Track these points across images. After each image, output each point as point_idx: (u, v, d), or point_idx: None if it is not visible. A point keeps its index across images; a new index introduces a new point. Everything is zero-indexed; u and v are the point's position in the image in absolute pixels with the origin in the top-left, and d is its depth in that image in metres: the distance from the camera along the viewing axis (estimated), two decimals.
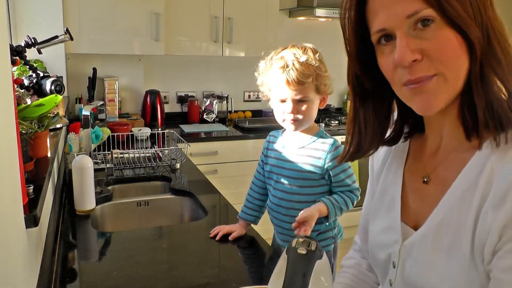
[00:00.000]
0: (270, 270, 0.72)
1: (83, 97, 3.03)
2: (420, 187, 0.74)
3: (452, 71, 0.61)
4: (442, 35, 0.60)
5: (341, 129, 3.36)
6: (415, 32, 0.61)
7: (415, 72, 0.61)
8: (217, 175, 2.94)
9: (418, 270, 0.70)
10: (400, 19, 0.61)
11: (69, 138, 1.98)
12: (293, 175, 1.36)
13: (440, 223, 0.67)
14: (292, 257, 0.69)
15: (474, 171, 0.63)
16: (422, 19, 0.59)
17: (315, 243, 0.70)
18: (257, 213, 1.47)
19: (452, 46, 0.60)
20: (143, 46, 2.92)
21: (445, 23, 0.59)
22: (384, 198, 0.81)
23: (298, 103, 1.29)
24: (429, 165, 0.73)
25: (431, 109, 0.64)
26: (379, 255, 0.79)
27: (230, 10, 3.14)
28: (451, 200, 0.66)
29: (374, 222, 0.83)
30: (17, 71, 1.64)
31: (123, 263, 1.30)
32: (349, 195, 1.34)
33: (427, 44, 0.60)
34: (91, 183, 1.60)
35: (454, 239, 0.64)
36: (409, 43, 0.60)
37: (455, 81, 0.62)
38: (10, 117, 0.82)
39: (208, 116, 3.40)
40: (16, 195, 0.81)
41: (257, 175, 1.50)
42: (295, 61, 1.25)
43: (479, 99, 0.61)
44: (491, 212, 0.59)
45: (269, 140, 1.47)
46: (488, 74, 0.61)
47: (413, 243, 0.71)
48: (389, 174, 0.81)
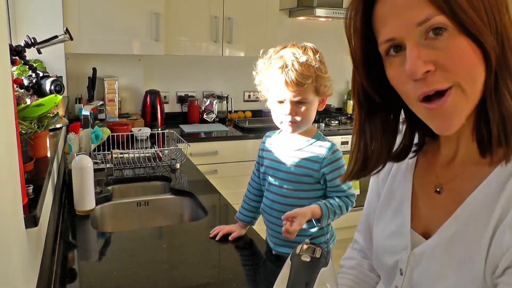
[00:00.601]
0: (270, 270, 0.72)
1: (83, 97, 3.03)
2: (431, 194, 0.72)
3: (469, 82, 0.57)
4: (456, 44, 0.56)
5: (341, 129, 3.36)
6: (426, 41, 0.57)
7: (430, 84, 0.57)
8: (217, 175, 2.94)
9: (427, 280, 0.69)
10: (410, 27, 0.57)
11: (69, 138, 1.98)
12: (287, 178, 1.32)
13: (453, 235, 0.65)
14: (296, 264, 0.67)
15: (494, 188, 0.61)
16: (434, 27, 0.56)
17: (320, 249, 0.68)
18: (253, 214, 1.45)
19: (467, 55, 0.56)
20: (143, 46, 2.92)
21: (459, 31, 0.56)
22: (391, 201, 0.79)
23: (296, 105, 1.24)
24: (443, 175, 0.71)
25: (452, 129, 0.60)
26: (385, 259, 0.78)
27: (230, 10, 3.14)
28: (466, 213, 0.64)
29: (380, 224, 0.81)
30: (17, 71, 1.64)
31: (123, 263, 1.30)
32: (345, 200, 1.30)
33: (440, 54, 0.56)
34: (91, 183, 1.60)
35: (466, 254, 0.63)
36: (421, 53, 0.57)
37: (472, 93, 0.58)
38: (9, 117, 0.81)
39: (208, 116, 3.40)
40: (15, 195, 0.81)
41: (254, 176, 1.47)
42: (295, 61, 1.20)
43: (493, 112, 0.58)
44: (508, 232, 0.58)
45: (265, 141, 1.43)
46: (502, 86, 0.57)
47: (423, 252, 0.69)
48: (397, 176, 0.79)
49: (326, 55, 1.31)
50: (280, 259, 1.42)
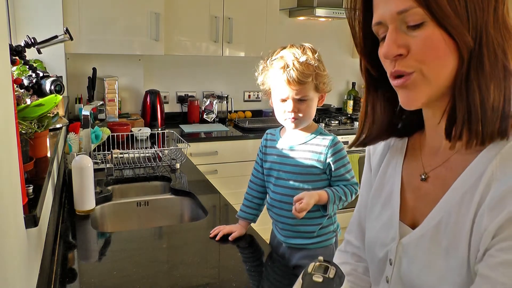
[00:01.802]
0: (270, 270, 0.71)
1: (83, 97, 3.03)
2: (418, 185, 0.75)
3: (432, 70, 0.63)
4: (428, 34, 0.61)
5: (341, 129, 3.36)
6: (407, 28, 0.63)
7: (397, 65, 0.65)
8: (217, 175, 2.94)
9: (415, 270, 0.70)
10: (392, 14, 0.63)
11: (69, 138, 1.98)
12: (295, 171, 1.38)
13: (438, 224, 0.67)
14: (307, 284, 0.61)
15: (475, 174, 0.64)
16: (411, 17, 0.62)
17: (334, 269, 0.63)
18: (257, 211, 1.49)
19: (435, 46, 0.62)
20: (143, 46, 2.92)
21: (434, 24, 0.61)
22: (382, 193, 0.82)
23: (298, 102, 1.31)
24: (428, 164, 0.74)
25: (413, 104, 0.67)
26: (376, 252, 0.80)
27: (230, 10, 3.14)
28: (450, 201, 0.66)
29: (371, 217, 0.84)
30: (17, 71, 1.64)
31: (123, 263, 1.30)
32: (349, 187, 1.37)
33: (413, 42, 0.63)
34: (91, 183, 1.60)
35: (452, 241, 0.65)
36: (398, 38, 0.63)
37: (435, 80, 0.64)
38: (9, 117, 0.81)
39: (208, 116, 3.40)
40: (15, 195, 0.81)
41: (256, 173, 1.51)
42: (295, 61, 1.27)
43: (460, 101, 0.63)
44: (487, 214, 0.60)
45: (266, 138, 1.48)
46: (472, 78, 0.62)
47: (410, 242, 0.72)
48: (388, 169, 0.82)
49: (326, 55, 1.35)
50: (280, 259, 1.42)
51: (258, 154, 1.50)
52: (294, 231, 1.41)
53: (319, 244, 1.42)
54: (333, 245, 1.46)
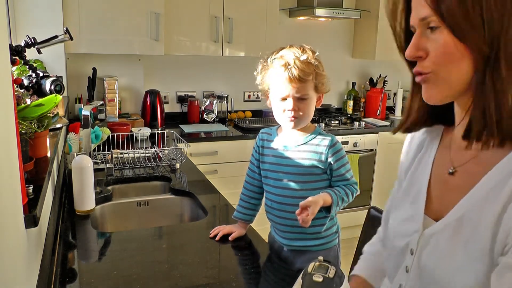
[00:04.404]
0: (270, 270, 0.71)
1: (83, 97, 3.03)
2: (445, 178, 0.78)
3: (446, 73, 0.69)
4: (442, 40, 0.67)
5: (341, 129, 3.37)
6: (428, 33, 0.69)
7: (417, 65, 0.72)
8: (217, 175, 2.94)
9: (435, 259, 0.73)
10: (417, 20, 0.70)
11: (69, 138, 1.98)
12: (296, 172, 1.37)
13: (461, 217, 0.70)
14: (307, 284, 0.62)
15: (504, 171, 0.67)
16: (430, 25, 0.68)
17: (334, 269, 0.63)
18: (253, 211, 1.48)
19: (448, 52, 0.67)
20: (143, 46, 2.92)
21: (448, 31, 0.67)
22: (411, 189, 0.84)
23: (298, 101, 1.31)
24: (457, 158, 0.77)
25: (431, 99, 0.73)
26: (396, 242, 0.82)
27: (230, 10, 3.14)
28: (476, 196, 0.69)
29: (396, 211, 0.86)
30: (17, 71, 1.64)
31: (123, 263, 1.30)
32: (349, 187, 1.37)
33: (431, 46, 0.69)
34: (90, 183, 1.60)
35: (472, 234, 0.67)
36: (420, 41, 0.70)
37: (449, 81, 0.69)
38: (9, 117, 0.81)
39: (208, 116, 3.40)
40: (15, 195, 0.81)
41: (251, 173, 1.48)
42: (296, 59, 1.27)
43: (477, 103, 0.67)
44: None
45: (262, 138, 1.46)
46: (488, 84, 0.65)
47: (433, 233, 0.74)
48: (419, 166, 0.85)
49: (326, 55, 1.35)
50: (279, 259, 1.42)
51: (254, 154, 1.47)
52: (297, 232, 1.38)
53: (323, 246, 1.40)
54: (336, 246, 1.45)
